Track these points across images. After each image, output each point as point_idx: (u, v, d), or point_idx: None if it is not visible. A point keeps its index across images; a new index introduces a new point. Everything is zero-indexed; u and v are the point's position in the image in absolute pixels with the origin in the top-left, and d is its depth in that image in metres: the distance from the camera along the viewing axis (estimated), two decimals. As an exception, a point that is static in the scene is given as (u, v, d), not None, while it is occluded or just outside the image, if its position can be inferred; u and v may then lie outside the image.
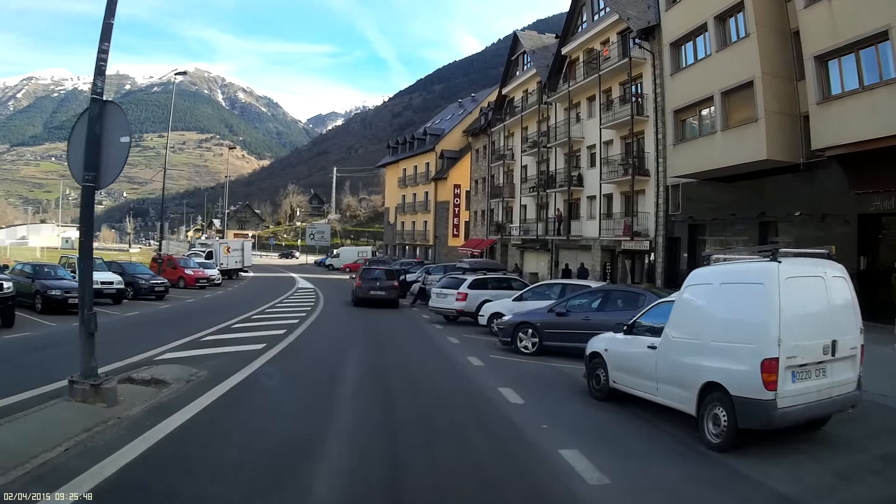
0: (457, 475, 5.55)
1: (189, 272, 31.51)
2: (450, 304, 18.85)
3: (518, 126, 41.68)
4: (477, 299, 18.11)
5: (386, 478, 5.39)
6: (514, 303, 15.84)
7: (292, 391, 9.14)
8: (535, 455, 6.17)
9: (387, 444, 6.39)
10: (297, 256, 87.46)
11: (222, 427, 6.85)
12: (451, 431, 6.99)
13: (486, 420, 7.58)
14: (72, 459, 5.31)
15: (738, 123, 21.45)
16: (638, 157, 29.24)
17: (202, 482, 5.12)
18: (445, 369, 11.38)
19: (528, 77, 41.05)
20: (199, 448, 6.05)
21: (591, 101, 33.92)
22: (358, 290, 24.40)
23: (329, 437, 6.51)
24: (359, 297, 24.31)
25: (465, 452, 6.21)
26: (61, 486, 4.64)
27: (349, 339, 15.12)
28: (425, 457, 6.03)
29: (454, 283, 19.25)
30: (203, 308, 22.03)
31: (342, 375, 10.38)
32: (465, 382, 10.10)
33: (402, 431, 6.93)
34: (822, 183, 19.02)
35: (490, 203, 45.56)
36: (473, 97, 65.17)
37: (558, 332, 12.45)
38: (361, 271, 25.11)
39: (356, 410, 7.99)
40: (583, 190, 33.72)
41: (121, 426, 6.38)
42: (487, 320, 16.59)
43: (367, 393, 9.10)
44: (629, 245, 29.54)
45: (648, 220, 28.73)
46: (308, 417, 7.39)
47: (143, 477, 5.13)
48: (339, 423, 7.17)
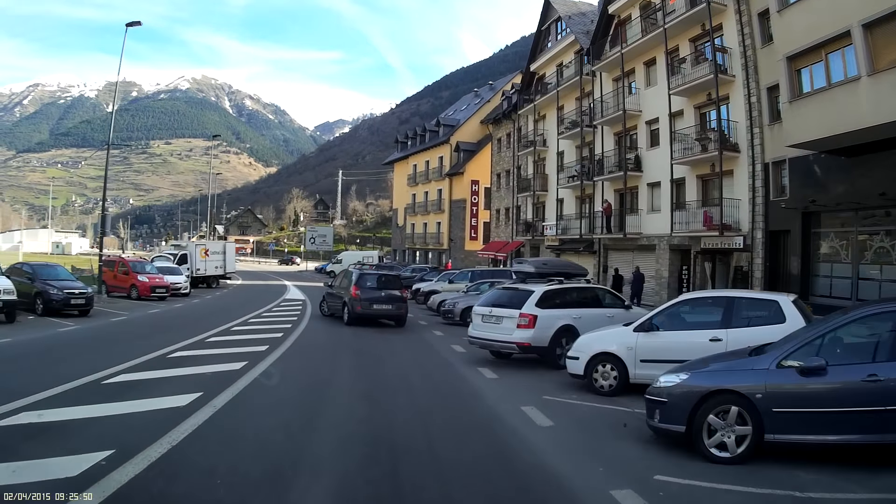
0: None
1: (143, 279, 24.80)
2: (506, 335, 11.05)
3: (552, 105, 34.88)
4: (552, 325, 10.99)
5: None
6: (635, 335, 8.69)
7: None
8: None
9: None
10: (297, 262, 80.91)
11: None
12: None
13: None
14: None
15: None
16: (721, 130, 22.48)
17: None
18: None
19: (564, 47, 34.31)
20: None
21: (650, 65, 27.20)
22: (355, 302, 17.73)
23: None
24: (357, 313, 17.75)
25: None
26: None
27: (328, 414, 7.59)
28: None
29: (512, 298, 11.46)
30: (123, 331, 15.27)
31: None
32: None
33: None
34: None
35: (517, 199, 38.68)
36: (491, 85, 58.50)
37: (812, 415, 5.44)
38: (358, 277, 18.23)
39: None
40: (641, 176, 26.85)
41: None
42: (586, 367, 8.99)
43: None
44: (713, 243, 22.67)
45: (739, 209, 21.95)
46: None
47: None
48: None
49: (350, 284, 18.22)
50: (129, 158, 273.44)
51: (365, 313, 17.81)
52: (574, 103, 32.85)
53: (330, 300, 20.45)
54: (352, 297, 17.89)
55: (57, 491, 4.26)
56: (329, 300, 20.59)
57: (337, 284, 20.50)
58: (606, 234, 27.96)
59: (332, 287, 21.02)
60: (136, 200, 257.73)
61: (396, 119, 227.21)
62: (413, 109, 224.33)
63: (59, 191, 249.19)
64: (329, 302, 20.56)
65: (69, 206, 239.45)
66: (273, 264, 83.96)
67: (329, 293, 20.82)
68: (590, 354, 8.93)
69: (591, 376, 8.93)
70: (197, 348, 11.76)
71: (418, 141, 58.49)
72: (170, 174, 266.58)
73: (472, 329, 11.94)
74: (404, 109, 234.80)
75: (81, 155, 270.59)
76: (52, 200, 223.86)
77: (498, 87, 54.87)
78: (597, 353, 8.89)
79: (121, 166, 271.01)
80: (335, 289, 20.31)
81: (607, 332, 9.31)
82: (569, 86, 32.43)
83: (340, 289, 19.45)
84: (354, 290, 17.91)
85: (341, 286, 19.57)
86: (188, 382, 8.55)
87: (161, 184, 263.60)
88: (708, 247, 23.09)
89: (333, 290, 20.34)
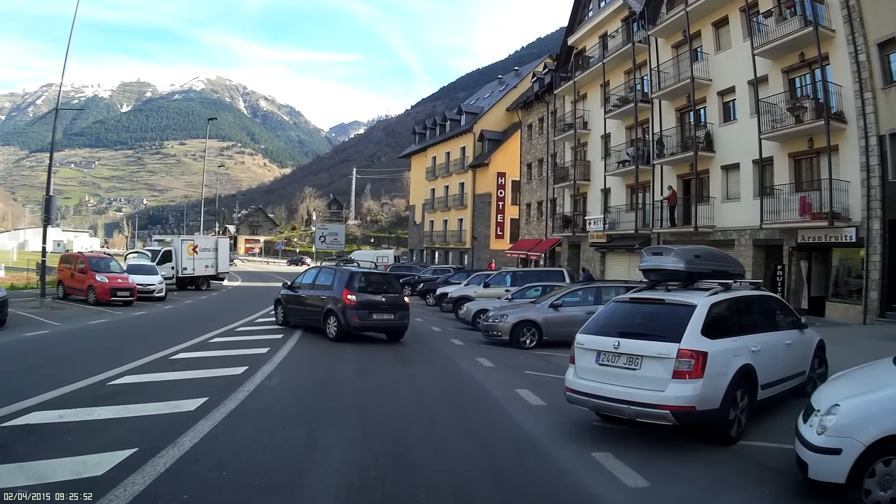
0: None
1: (102, 279, 20.02)
2: (650, 392, 5.89)
3: (595, 82, 30.38)
4: (727, 369, 6.02)
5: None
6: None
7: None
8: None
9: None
10: (307, 263, 76.64)
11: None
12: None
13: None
14: None
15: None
16: (817, 97, 18.02)
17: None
18: None
19: (608, 14, 29.81)
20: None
21: (721, 25, 22.77)
22: (350, 312, 13.37)
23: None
24: (352, 326, 13.44)
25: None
26: None
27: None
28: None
29: (655, 320, 6.42)
30: (27, 358, 10.49)
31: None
32: None
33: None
34: None
35: (552, 190, 34.12)
36: (517, 71, 54.02)
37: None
38: (350, 278, 13.87)
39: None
40: (713, 157, 22.30)
41: None
42: (851, 472, 4.25)
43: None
44: (813, 236, 18.16)
45: (848, 193, 17.42)
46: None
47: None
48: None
49: (338, 287, 13.82)
50: (143, 159, 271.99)
51: (363, 325, 13.51)
52: (622, 77, 28.35)
53: (293, 306, 15.42)
54: (345, 305, 13.36)
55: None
56: (291, 305, 15.50)
57: (306, 284, 15.45)
58: (669, 228, 23.36)
59: (295, 288, 15.71)
60: (150, 201, 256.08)
61: (412, 120, 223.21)
62: (428, 111, 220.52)
63: (72, 191, 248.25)
64: (291, 307, 15.49)
65: (82, 205, 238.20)
66: (282, 265, 79.75)
67: (291, 295, 15.61)
68: (864, 445, 4.21)
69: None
70: (77, 405, 6.71)
71: (438, 131, 54.01)
72: (184, 174, 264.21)
73: (575, 376, 6.61)
74: (419, 111, 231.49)
75: (95, 155, 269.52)
76: (64, 200, 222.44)
77: (524, 73, 50.37)
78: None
79: (135, 166, 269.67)
80: (303, 290, 15.29)
81: (872, 401, 4.49)
82: (617, 57, 27.91)
83: (317, 291, 14.72)
84: (347, 294, 13.44)
85: (317, 287, 14.88)
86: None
87: (175, 184, 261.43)
88: (807, 241, 18.54)
89: (301, 293, 15.25)
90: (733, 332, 6.47)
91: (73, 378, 8.07)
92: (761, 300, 7.52)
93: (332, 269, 15.49)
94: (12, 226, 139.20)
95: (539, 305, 14.57)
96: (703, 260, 7.11)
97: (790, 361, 7.51)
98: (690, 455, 6.06)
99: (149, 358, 10.04)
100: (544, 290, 16.69)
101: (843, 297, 18.22)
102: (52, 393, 7.23)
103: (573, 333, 6.93)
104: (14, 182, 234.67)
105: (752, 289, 7.59)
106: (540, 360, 12.20)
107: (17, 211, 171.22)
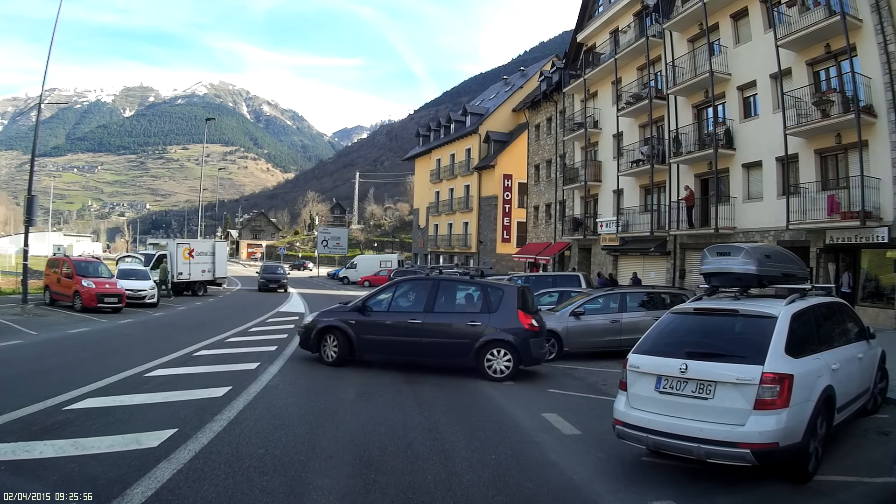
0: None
1: (88, 284, 18.87)
2: (725, 426, 4.78)
3: (607, 79, 29.36)
4: (810, 394, 4.97)
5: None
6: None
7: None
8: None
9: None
10: (309, 268, 75.48)
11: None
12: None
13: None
14: None
15: None
16: (844, 90, 17.00)
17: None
18: None
19: (620, 8, 28.82)
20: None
21: (740, 17, 21.79)
22: (534, 341, 10.27)
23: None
24: (534, 356, 10.30)
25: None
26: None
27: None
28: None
29: (727, 336, 5.32)
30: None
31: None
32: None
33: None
34: None
35: (561, 192, 33.07)
36: (523, 71, 53.00)
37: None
38: (519, 294, 10.38)
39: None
40: (733, 155, 21.26)
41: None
42: None
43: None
44: (843, 236, 17.13)
45: (879, 191, 16.39)
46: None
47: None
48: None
49: (502, 308, 10.13)
50: (146, 163, 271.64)
51: (542, 355, 10.57)
52: (635, 73, 27.31)
53: (383, 337, 10.57)
54: (526, 331, 9.94)
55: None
56: (375, 337, 10.60)
57: (404, 308, 10.78)
58: (687, 230, 22.29)
59: (377, 313, 10.76)
60: (153, 205, 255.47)
61: (415, 125, 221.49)
62: (432, 115, 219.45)
63: (75, 195, 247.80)
64: (375, 339, 10.60)
65: (85, 210, 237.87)
66: (284, 269, 78.77)
67: (369, 322, 10.65)
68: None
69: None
70: (16, 438, 5.55)
71: (442, 133, 53.02)
72: (187, 179, 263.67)
73: (627, 406, 5.41)
74: (423, 115, 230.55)
75: (98, 159, 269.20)
76: (67, 205, 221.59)
77: (530, 73, 49.36)
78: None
79: (138, 171, 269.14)
80: (401, 315, 10.54)
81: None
82: (629, 52, 26.89)
83: (446, 318, 10.37)
84: (526, 319, 10.10)
85: (441, 312, 10.43)
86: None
87: (178, 189, 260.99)
88: (835, 242, 17.46)
89: (409, 321, 10.37)
90: (814, 348, 5.41)
91: (24, 401, 6.88)
92: (834, 308, 6.45)
93: (455, 283, 11.00)
94: (14, 230, 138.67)
95: (558, 314, 12.90)
96: (773, 261, 5.99)
97: (861, 378, 6.48)
98: (763, 497, 5.04)
99: (120, 375, 8.88)
100: (560, 296, 15.54)
101: (874, 301, 17.17)
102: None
103: (596, 344, 5.98)
104: (17, 187, 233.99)
105: (825, 295, 6.47)
106: (563, 374, 11.03)
107: (19, 215, 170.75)
